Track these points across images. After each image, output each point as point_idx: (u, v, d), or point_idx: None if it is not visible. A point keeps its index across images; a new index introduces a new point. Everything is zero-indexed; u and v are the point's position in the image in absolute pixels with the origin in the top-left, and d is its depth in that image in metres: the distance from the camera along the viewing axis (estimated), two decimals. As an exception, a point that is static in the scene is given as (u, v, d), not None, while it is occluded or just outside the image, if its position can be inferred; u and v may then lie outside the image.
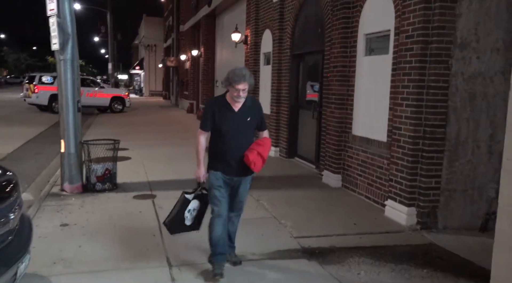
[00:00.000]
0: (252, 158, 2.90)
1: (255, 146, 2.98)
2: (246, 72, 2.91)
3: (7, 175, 2.78)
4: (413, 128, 4.13)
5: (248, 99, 3.01)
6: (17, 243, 2.57)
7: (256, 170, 2.96)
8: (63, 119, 5.24)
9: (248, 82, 2.90)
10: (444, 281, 3.15)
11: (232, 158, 2.98)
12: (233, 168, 3.01)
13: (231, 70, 2.95)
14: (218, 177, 3.02)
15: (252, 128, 3.08)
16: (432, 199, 4.14)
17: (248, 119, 3.01)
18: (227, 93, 3.01)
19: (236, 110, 2.99)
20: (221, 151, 3.01)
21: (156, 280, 3.07)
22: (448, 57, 4.00)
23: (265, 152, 2.97)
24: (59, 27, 4.92)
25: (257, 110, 3.12)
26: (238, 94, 2.89)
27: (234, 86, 2.87)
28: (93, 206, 4.78)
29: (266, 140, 3.07)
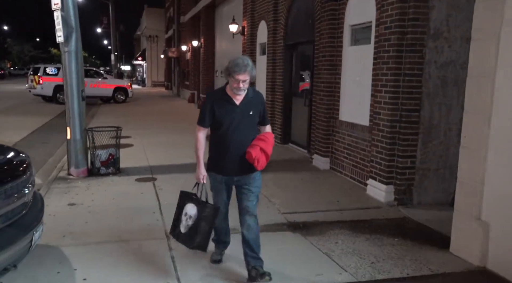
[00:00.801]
0: (255, 155, 2.68)
1: (257, 141, 2.75)
2: (247, 61, 2.66)
3: (21, 157, 3.17)
4: (390, 112, 4.47)
5: (249, 91, 2.78)
6: (32, 215, 2.96)
7: (259, 167, 2.74)
8: (69, 107, 5.62)
9: (250, 73, 2.65)
10: (412, 247, 3.53)
11: (234, 155, 2.75)
12: (234, 166, 2.78)
13: (231, 59, 2.71)
14: (218, 180, 2.85)
15: (255, 123, 2.84)
16: (408, 178, 4.51)
17: (251, 112, 2.77)
18: (227, 85, 2.77)
19: (238, 103, 2.74)
20: (220, 149, 2.78)
21: (155, 250, 3.45)
22: (422, 46, 4.30)
23: (268, 148, 2.75)
24: (63, 20, 5.26)
25: (260, 102, 2.86)
26: (238, 85, 2.65)
27: (234, 76, 2.64)
28: (98, 188, 5.19)
29: (268, 135, 2.84)
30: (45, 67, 17.02)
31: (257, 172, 2.83)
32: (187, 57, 20.05)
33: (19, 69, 55.33)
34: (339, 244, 3.58)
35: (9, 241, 2.58)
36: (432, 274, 3.05)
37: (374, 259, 3.29)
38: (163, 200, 4.70)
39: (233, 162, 2.77)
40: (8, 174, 2.77)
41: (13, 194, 2.69)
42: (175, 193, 4.76)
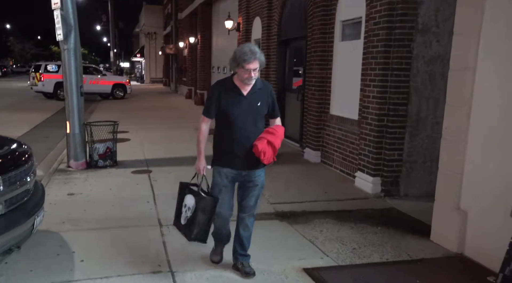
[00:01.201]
0: (261, 148, 2.53)
1: (265, 134, 2.60)
2: (255, 48, 2.53)
3: (24, 148, 3.32)
4: (378, 106, 4.62)
5: (258, 81, 2.64)
6: (33, 201, 3.12)
7: (266, 161, 2.60)
8: (68, 103, 5.77)
9: (259, 59, 2.52)
10: (394, 235, 3.69)
11: (240, 149, 2.62)
12: (241, 160, 2.64)
13: (237, 48, 2.58)
14: (223, 175, 2.70)
15: (263, 115, 2.70)
16: (395, 170, 4.67)
17: (259, 104, 2.64)
18: (234, 75, 2.65)
19: (245, 94, 2.61)
20: (227, 141, 2.65)
21: (148, 236, 3.61)
22: (410, 41, 4.45)
23: (276, 141, 2.59)
24: (63, 19, 5.39)
25: (268, 93, 2.71)
26: (249, 75, 2.52)
27: (244, 66, 2.49)
28: (96, 180, 5.35)
29: (278, 128, 2.67)
30: (46, 65, 17.18)
31: (262, 168, 2.71)
32: (185, 54, 20.15)
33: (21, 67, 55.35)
34: (323, 232, 3.74)
35: (13, 224, 2.75)
36: (410, 259, 3.22)
37: (356, 245, 3.45)
38: (157, 191, 4.87)
39: (241, 155, 2.63)
40: (12, 163, 2.92)
41: (16, 182, 2.85)
42: (169, 184, 5.07)
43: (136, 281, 2.83)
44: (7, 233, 2.69)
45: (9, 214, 2.76)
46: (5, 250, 2.79)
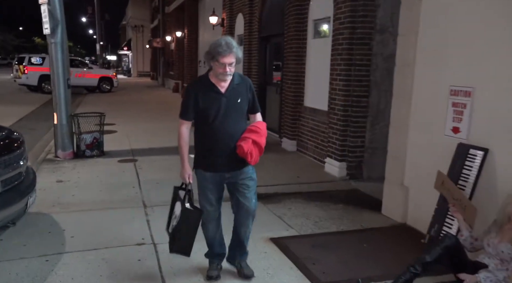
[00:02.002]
0: (247, 149, 2.38)
1: (249, 133, 2.45)
2: (231, 41, 2.36)
3: (16, 135, 3.67)
4: (343, 98, 5.08)
5: (235, 76, 2.47)
6: (26, 183, 3.48)
7: (253, 162, 2.46)
8: (55, 94, 6.07)
9: (235, 54, 2.36)
10: (352, 211, 4.18)
11: (222, 150, 2.46)
12: (224, 162, 2.49)
13: (213, 42, 2.42)
14: (207, 178, 2.54)
15: (243, 112, 2.53)
16: (358, 155, 5.16)
17: (238, 100, 2.46)
18: (209, 71, 2.48)
19: (223, 91, 2.44)
20: (208, 143, 2.49)
21: (133, 216, 4.01)
22: (370, 40, 4.91)
23: (261, 140, 2.45)
24: (50, 13, 5.67)
25: (248, 88, 2.54)
26: (224, 70, 2.34)
27: (218, 60, 2.33)
28: (83, 168, 5.70)
29: (260, 125, 2.53)
30: (30, 57, 17.14)
31: (248, 166, 2.56)
32: (172, 47, 20.34)
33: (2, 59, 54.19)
34: (291, 209, 4.20)
35: (9, 202, 3.11)
36: (362, 229, 3.71)
37: (318, 219, 3.92)
38: (142, 177, 5.25)
39: (223, 157, 2.47)
40: (6, 147, 3.28)
41: (11, 164, 3.21)
42: (153, 172, 5.48)
43: (122, 251, 3.23)
44: (4, 210, 3.05)
45: (5, 194, 3.12)
46: (1, 226, 3.15)
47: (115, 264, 3.01)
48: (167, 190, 4.53)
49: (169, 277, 2.84)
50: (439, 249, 2.63)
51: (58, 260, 3.06)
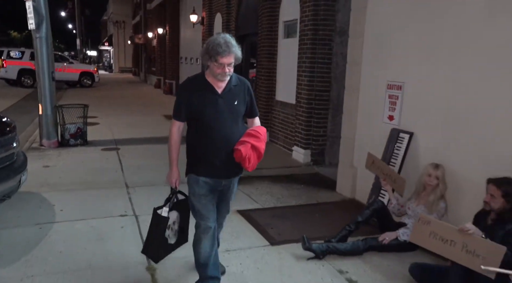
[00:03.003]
0: (245, 153, 2.20)
1: (247, 137, 2.27)
2: (230, 40, 2.21)
3: (8, 120, 4.08)
4: (308, 92, 5.68)
5: (233, 77, 2.33)
6: (19, 163, 3.90)
7: (250, 168, 2.27)
8: (40, 86, 6.43)
9: (235, 53, 2.22)
10: (311, 190, 4.78)
11: (218, 155, 2.29)
12: (220, 168, 2.31)
13: (210, 39, 2.25)
14: (200, 184, 2.33)
15: (240, 114, 2.36)
16: (321, 143, 5.77)
17: (235, 102, 2.31)
18: (206, 70, 2.33)
19: (220, 91, 2.28)
20: (202, 147, 2.31)
21: (116, 194, 4.46)
22: (331, 41, 5.52)
23: (261, 145, 2.28)
24: (35, 9, 6.03)
25: (246, 90, 2.39)
26: (223, 70, 2.20)
27: (217, 60, 2.18)
28: (68, 155, 6.10)
29: (260, 129, 2.35)
30: (9, 51, 17.08)
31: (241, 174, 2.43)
32: (154, 44, 20.57)
33: (-23, 53, 52.44)
34: (259, 188, 4.77)
35: (4, 178, 3.54)
36: (317, 203, 4.32)
37: (280, 196, 4.50)
38: (125, 163, 5.71)
39: (219, 161, 2.30)
40: (1, 128, 3.70)
41: (5, 145, 3.64)
42: (135, 158, 5.97)
43: (107, 221, 3.71)
44: (1, 184, 3.49)
45: (1, 170, 3.56)
46: (0, 198, 3.58)
47: (101, 230, 3.49)
48: (148, 173, 5.11)
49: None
50: (368, 212, 3.25)
51: (50, 228, 3.51)
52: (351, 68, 4.33)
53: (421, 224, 2.58)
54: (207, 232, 2.37)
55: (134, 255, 3.03)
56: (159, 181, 4.81)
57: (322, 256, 3.04)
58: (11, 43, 48.30)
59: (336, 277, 2.83)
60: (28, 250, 3.08)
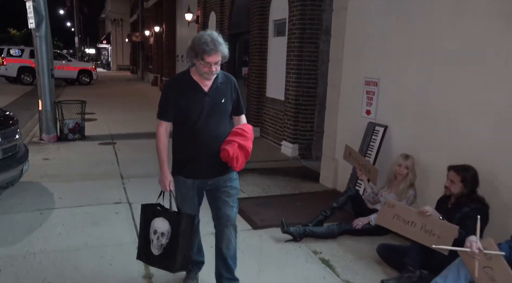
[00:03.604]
0: (232, 153, 2.17)
1: (234, 136, 2.24)
2: (217, 38, 2.15)
3: (11, 114, 4.35)
4: (295, 89, 5.95)
5: (219, 75, 2.27)
6: (21, 153, 4.18)
7: (238, 168, 2.26)
8: (40, 83, 6.68)
9: (222, 52, 2.16)
10: (296, 181, 5.05)
11: (205, 154, 2.25)
12: (206, 167, 2.28)
13: (196, 36, 2.19)
14: (188, 186, 2.32)
15: (227, 113, 2.32)
16: (308, 138, 6.05)
17: (222, 100, 2.27)
18: (191, 67, 2.27)
19: (207, 90, 2.24)
20: (189, 147, 2.28)
21: (112, 185, 4.72)
22: (317, 39, 5.78)
23: (248, 144, 2.25)
24: (35, 9, 6.27)
25: (232, 88, 2.34)
26: (209, 69, 2.15)
27: (203, 58, 2.13)
28: (67, 149, 6.36)
29: (246, 127, 2.32)
30: (9, 49, 17.30)
31: (234, 171, 2.36)
32: (151, 42, 20.78)
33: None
34: (247, 180, 5.03)
35: (8, 167, 3.82)
36: (299, 193, 4.60)
37: (266, 187, 4.78)
38: (121, 156, 5.98)
39: (206, 162, 2.27)
40: (4, 123, 3.97)
41: (9, 137, 3.91)
42: (131, 152, 6.24)
43: (102, 208, 3.98)
44: (4, 173, 3.76)
45: (4, 160, 3.83)
46: (1, 186, 3.84)
47: (97, 215, 3.77)
48: (143, 166, 5.39)
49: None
50: (343, 198, 3.53)
51: (50, 213, 3.79)
52: (333, 66, 4.60)
53: (386, 207, 2.87)
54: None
55: (127, 236, 3.32)
56: (153, 173, 5.06)
57: (299, 239, 3.32)
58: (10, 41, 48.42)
59: (311, 257, 3.11)
60: (30, 232, 3.35)
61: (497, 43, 2.83)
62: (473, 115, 3.02)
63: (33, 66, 16.33)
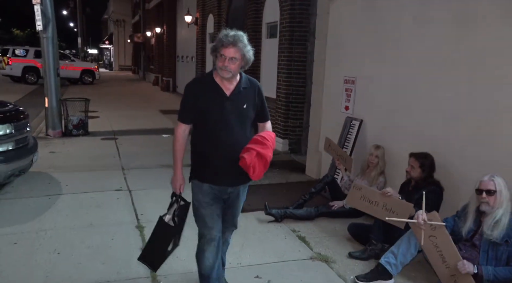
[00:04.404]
0: (250, 161, 2.08)
1: (253, 144, 2.12)
2: (240, 35, 2.12)
3: (21, 109, 4.77)
4: (286, 88, 6.35)
5: (243, 79, 2.24)
6: (31, 145, 4.60)
7: (255, 177, 2.15)
8: (47, 81, 7.10)
9: (241, 49, 2.09)
10: (284, 173, 5.43)
11: (224, 161, 2.18)
12: (225, 175, 2.21)
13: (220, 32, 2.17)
14: (205, 191, 2.23)
15: (249, 119, 2.25)
16: (298, 134, 6.44)
17: (244, 106, 2.20)
18: (214, 70, 2.20)
19: (228, 94, 2.18)
20: (207, 152, 2.20)
21: (113, 175, 5.11)
22: (305, 41, 6.18)
23: (268, 153, 2.13)
24: (42, 12, 6.70)
25: (256, 93, 2.28)
26: (223, 63, 2.09)
27: (219, 51, 2.09)
28: (72, 143, 6.78)
29: (268, 135, 2.18)
30: (14, 49, 17.77)
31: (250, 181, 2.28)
32: (152, 43, 21.23)
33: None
34: (239, 171, 5.44)
35: (20, 156, 4.23)
36: (286, 182, 5.00)
37: (256, 177, 5.18)
38: (122, 150, 6.39)
39: (224, 169, 2.19)
40: (16, 116, 4.39)
41: (20, 129, 4.33)
42: (131, 147, 6.67)
43: (105, 194, 4.37)
44: (17, 161, 4.18)
45: (17, 150, 4.25)
46: (14, 173, 4.25)
47: (100, 200, 4.17)
48: (143, 159, 5.82)
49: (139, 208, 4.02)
50: (320, 184, 3.93)
51: (57, 198, 4.20)
52: (317, 65, 5.00)
53: (354, 190, 3.26)
54: (211, 243, 2.22)
55: (127, 217, 3.73)
56: (151, 165, 5.51)
57: (280, 220, 3.71)
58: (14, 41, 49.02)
59: (289, 234, 3.51)
60: (40, 213, 3.76)
61: (451, 47, 3.23)
62: (430, 110, 3.41)
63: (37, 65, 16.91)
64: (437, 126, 3.36)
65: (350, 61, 4.42)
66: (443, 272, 2.58)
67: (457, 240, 2.64)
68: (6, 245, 3.14)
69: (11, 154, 4.12)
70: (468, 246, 2.59)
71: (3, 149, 4.05)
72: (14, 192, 4.34)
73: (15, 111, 4.55)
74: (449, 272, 2.54)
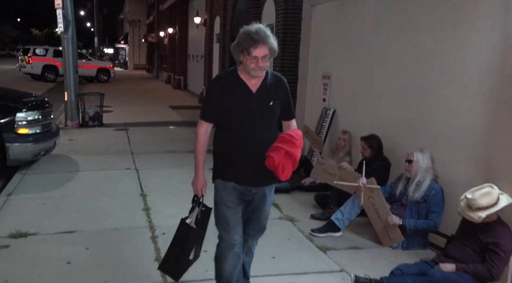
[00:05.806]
0: (278, 161, 1.98)
1: (281, 143, 2.02)
2: (264, 30, 2.02)
3: (46, 99, 5.60)
4: (279, 83, 7.02)
5: (268, 74, 2.13)
6: (54, 130, 5.42)
7: (284, 177, 2.05)
8: (66, 78, 7.98)
9: (270, 45, 2.01)
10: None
11: (249, 160, 2.10)
12: (251, 175, 2.12)
13: (241, 31, 2.06)
14: (229, 190, 2.14)
15: (275, 116, 2.17)
16: (289, 125, 7.11)
17: (271, 103, 2.11)
18: (238, 66, 2.13)
19: (254, 90, 2.09)
20: (232, 151, 2.12)
21: (124, 158, 5.89)
22: (297, 42, 6.83)
23: (297, 153, 2.04)
24: (63, 16, 7.56)
25: (282, 89, 2.18)
26: (256, 64, 2.00)
27: (250, 53, 1.99)
28: (88, 133, 7.62)
29: (295, 134, 2.09)
30: (35, 48, 18.93)
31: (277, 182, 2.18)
32: (165, 42, 22.15)
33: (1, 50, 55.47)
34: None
35: (46, 138, 5.05)
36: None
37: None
38: (132, 139, 7.19)
39: (249, 168, 2.11)
40: (42, 105, 5.21)
41: (46, 116, 5.14)
42: (140, 136, 7.51)
43: (116, 171, 5.14)
44: (43, 142, 4.99)
45: (43, 133, 5.06)
46: (41, 152, 5.06)
47: (111, 176, 4.95)
48: (150, 146, 6.60)
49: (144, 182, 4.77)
50: (296, 163, 4.60)
51: (76, 174, 5.00)
52: (302, 63, 5.67)
53: (318, 165, 3.93)
54: (231, 247, 2.14)
55: (133, 189, 4.50)
56: (157, 151, 6.29)
57: (261, 192, 4.38)
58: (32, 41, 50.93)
59: (267, 203, 4.20)
60: (62, 184, 4.56)
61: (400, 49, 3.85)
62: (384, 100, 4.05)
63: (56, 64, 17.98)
64: (387, 112, 4.00)
65: (327, 59, 5.08)
66: (378, 224, 3.23)
67: (393, 201, 3.29)
68: (36, 205, 3.93)
69: (38, 136, 4.93)
70: (399, 205, 3.24)
71: (32, 132, 4.87)
72: (40, 168, 5.16)
73: (41, 101, 5.38)
74: (382, 224, 3.20)
